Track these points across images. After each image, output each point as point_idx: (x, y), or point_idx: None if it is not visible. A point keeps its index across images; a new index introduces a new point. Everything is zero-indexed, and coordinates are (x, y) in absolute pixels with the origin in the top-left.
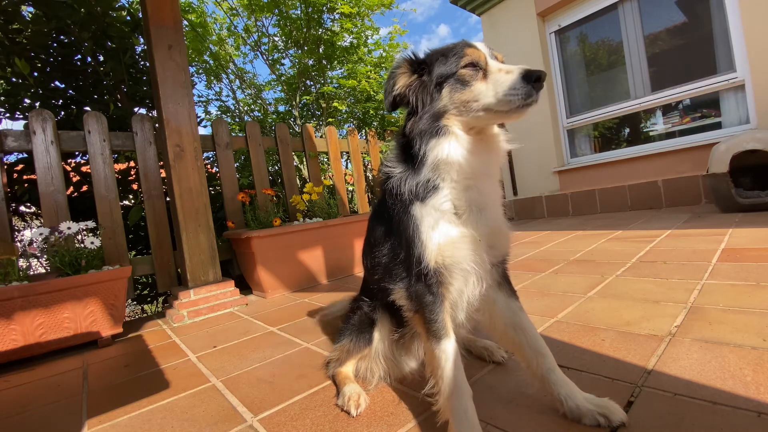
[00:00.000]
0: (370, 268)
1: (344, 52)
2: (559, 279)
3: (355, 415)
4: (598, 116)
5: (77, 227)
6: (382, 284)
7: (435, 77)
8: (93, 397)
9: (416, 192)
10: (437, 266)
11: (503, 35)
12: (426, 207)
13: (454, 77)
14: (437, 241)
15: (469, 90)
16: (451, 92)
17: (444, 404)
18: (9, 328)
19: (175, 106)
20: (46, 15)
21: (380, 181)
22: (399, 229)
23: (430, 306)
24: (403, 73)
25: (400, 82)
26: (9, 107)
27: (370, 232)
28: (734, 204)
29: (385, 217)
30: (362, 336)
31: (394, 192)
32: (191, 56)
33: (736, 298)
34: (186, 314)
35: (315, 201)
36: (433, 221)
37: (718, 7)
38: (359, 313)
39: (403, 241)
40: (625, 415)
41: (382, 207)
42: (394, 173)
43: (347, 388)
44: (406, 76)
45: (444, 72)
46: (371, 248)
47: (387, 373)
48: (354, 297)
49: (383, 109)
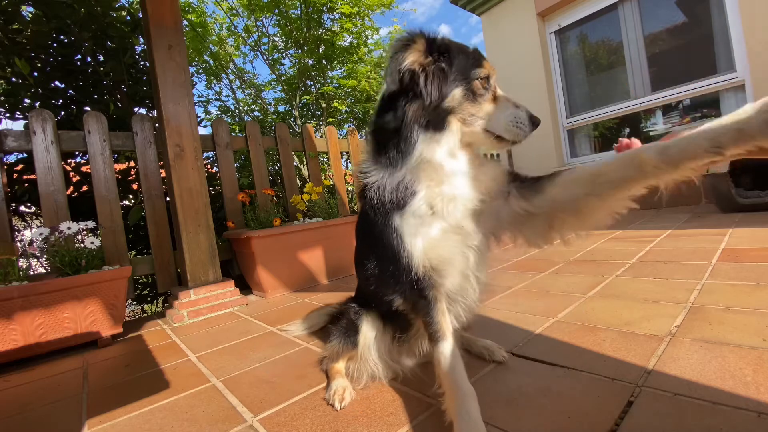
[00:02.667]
0: (364, 280)
1: (344, 52)
2: (559, 279)
3: (339, 408)
4: (598, 116)
5: (77, 227)
6: (377, 292)
7: (455, 71)
8: (93, 397)
9: (396, 199)
10: (426, 270)
11: (503, 35)
12: (405, 215)
13: (468, 85)
14: (421, 247)
15: (478, 105)
16: (463, 97)
17: (448, 405)
18: (9, 328)
19: (175, 106)
20: (46, 15)
21: (359, 192)
22: (383, 243)
23: (425, 310)
24: (418, 49)
25: (413, 57)
26: (9, 107)
27: (358, 243)
28: (734, 204)
29: (368, 231)
30: (348, 339)
31: (374, 204)
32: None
33: (736, 298)
34: (186, 314)
35: (315, 201)
36: (414, 229)
37: (718, 7)
38: (346, 318)
39: (389, 254)
40: None
41: (365, 219)
42: (371, 180)
43: (335, 383)
44: (420, 54)
45: (463, 73)
46: (361, 260)
47: (375, 374)
48: (347, 298)
49: None
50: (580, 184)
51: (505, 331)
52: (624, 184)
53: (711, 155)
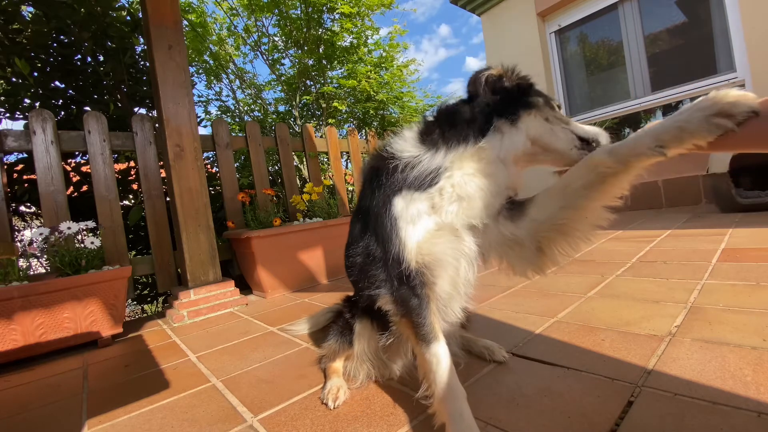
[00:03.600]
0: (348, 269)
1: (344, 52)
2: (559, 279)
3: (332, 407)
4: (598, 116)
5: (77, 227)
6: (360, 286)
7: (534, 91)
8: (93, 397)
9: (419, 180)
10: (419, 266)
11: (503, 35)
12: (413, 199)
13: (548, 102)
14: (416, 239)
15: (550, 122)
16: (542, 107)
17: (439, 407)
18: (9, 328)
19: (175, 106)
20: (46, 15)
21: (367, 170)
22: (378, 224)
23: (416, 310)
24: (499, 69)
25: (496, 70)
26: (9, 107)
27: (350, 229)
28: (734, 204)
29: (364, 212)
30: (344, 339)
31: (386, 175)
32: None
33: (736, 298)
34: (186, 314)
35: (315, 201)
36: (415, 214)
37: (718, 7)
38: (342, 318)
39: (381, 237)
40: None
41: (362, 199)
42: (404, 156)
43: (330, 382)
44: (501, 69)
45: (540, 94)
46: (348, 247)
47: (371, 373)
48: (346, 297)
49: (383, 109)
50: (554, 198)
51: (505, 331)
52: (590, 192)
53: (655, 154)
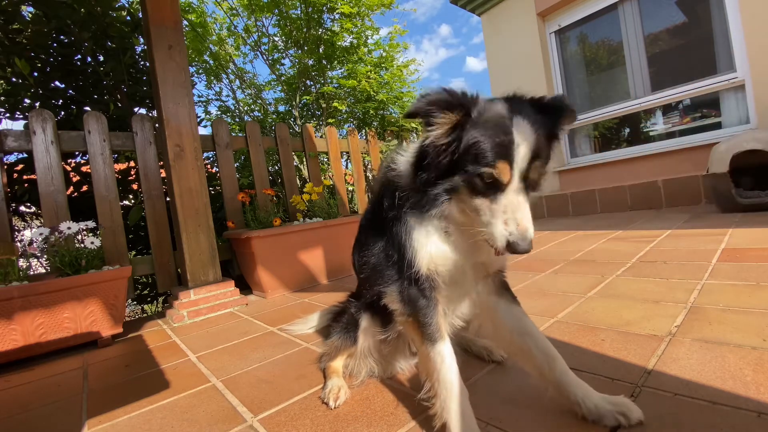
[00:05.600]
0: (358, 267)
1: (344, 52)
2: (559, 279)
3: (333, 407)
4: (598, 116)
5: (77, 227)
6: (370, 283)
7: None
8: (93, 397)
9: (420, 202)
10: (429, 273)
11: (503, 35)
12: (423, 217)
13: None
14: (429, 251)
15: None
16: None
17: (441, 407)
18: (9, 328)
19: (175, 106)
20: (46, 15)
21: (381, 180)
22: (393, 232)
23: (424, 310)
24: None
25: (440, 128)
26: (9, 107)
27: (363, 230)
28: (734, 204)
29: (380, 218)
30: (348, 336)
31: (395, 193)
32: (191, 56)
33: (736, 298)
34: (186, 314)
35: (315, 201)
36: (426, 232)
37: (718, 7)
38: (347, 314)
39: (395, 244)
40: (641, 413)
41: (378, 206)
42: (402, 179)
43: (330, 382)
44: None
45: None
46: (361, 247)
47: (373, 371)
48: (349, 294)
49: (383, 109)
50: (520, 335)
51: None
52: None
53: None
